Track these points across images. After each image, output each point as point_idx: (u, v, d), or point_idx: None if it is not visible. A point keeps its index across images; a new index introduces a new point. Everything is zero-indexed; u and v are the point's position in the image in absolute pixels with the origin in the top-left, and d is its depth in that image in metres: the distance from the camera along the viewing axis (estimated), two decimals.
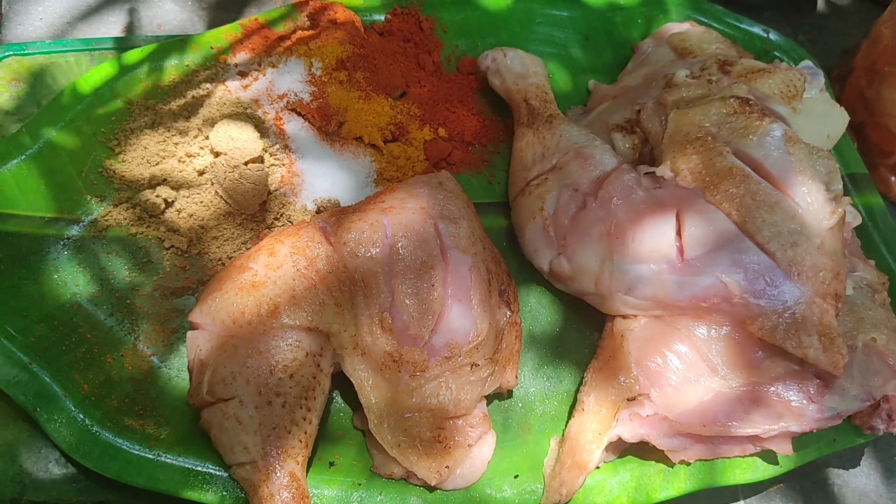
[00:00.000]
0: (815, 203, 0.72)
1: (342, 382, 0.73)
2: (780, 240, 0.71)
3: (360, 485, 0.71)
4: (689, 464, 0.74)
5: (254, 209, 0.81)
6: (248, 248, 0.79)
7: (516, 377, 0.76)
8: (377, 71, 0.91)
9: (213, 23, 1.06)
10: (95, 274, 0.78)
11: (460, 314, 0.71)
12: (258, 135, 0.82)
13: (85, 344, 0.74)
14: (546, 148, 0.85)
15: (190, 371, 0.69)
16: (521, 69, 0.93)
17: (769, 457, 0.75)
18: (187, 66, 0.89)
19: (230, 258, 0.80)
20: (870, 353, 0.74)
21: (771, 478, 0.76)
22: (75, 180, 0.81)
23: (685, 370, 0.73)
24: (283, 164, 0.83)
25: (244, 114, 0.84)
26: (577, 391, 0.79)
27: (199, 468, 0.69)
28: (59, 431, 0.69)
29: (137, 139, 0.84)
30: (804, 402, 0.72)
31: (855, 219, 0.86)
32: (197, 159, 0.82)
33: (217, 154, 0.80)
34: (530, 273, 0.84)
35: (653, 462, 0.75)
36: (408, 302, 0.70)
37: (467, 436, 0.71)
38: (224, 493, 0.68)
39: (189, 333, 0.70)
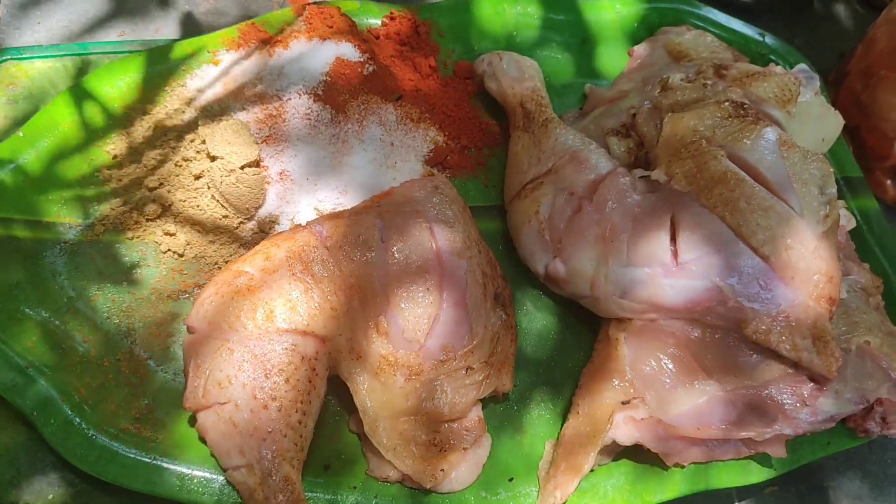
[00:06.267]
0: (809, 207, 0.72)
1: (338, 386, 0.73)
2: (774, 243, 0.71)
3: (355, 488, 0.71)
4: (683, 467, 0.74)
5: (250, 213, 0.81)
6: (244, 252, 0.80)
7: (511, 380, 0.76)
8: (373, 75, 0.91)
9: (210, 27, 1.06)
10: (92, 278, 0.78)
11: (455, 318, 0.71)
12: (254, 139, 0.82)
13: (81, 348, 0.74)
14: (542, 152, 0.85)
15: (186, 375, 0.69)
16: (516, 73, 0.93)
17: (763, 460, 0.76)
18: (184, 70, 0.89)
19: (226, 262, 0.80)
20: (864, 356, 0.75)
21: (765, 481, 0.76)
22: (72, 184, 0.82)
23: (680, 373, 0.73)
24: (280, 168, 0.84)
25: (240, 118, 0.85)
26: (571, 394, 0.79)
27: (196, 472, 0.69)
28: (55, 435, 0.69)
29: (134, 143, 0.84)
30: (798, 405, 0.72)
31: (849, 222, 0.86)
32: (193, 163, 0.82)
33: (213, 158, 0.80)
34: (526, 276, 0.85)
35: (647, 465, 0.75)
36: (403, 306, 0.70)
37: (462, 439, 0.71)
38: (220, 496, 0.68)
39: (185, 337, 0.71)
